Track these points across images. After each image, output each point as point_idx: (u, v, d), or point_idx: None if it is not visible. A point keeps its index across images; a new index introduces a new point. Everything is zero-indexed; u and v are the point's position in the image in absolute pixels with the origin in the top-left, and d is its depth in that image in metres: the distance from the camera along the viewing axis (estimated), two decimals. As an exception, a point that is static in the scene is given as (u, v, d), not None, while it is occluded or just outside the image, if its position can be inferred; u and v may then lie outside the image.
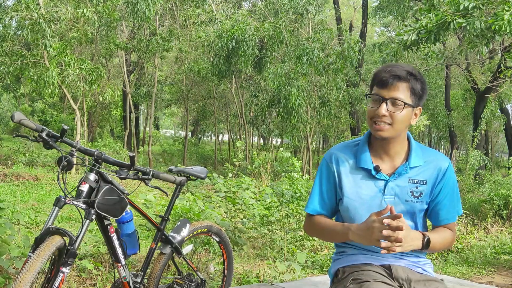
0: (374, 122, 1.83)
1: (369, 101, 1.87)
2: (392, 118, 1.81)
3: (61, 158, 2.15)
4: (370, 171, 1.89)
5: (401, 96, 1.80)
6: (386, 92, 1.81)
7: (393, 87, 1.80)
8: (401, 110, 1.80)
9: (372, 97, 1.85)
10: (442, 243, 1.88)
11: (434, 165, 1.90)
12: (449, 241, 1.93)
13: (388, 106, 1.80)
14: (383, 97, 1.81)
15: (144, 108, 29.36)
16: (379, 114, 1.80)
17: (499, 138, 30.13)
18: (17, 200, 7.62)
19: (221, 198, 6.14)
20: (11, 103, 30.01)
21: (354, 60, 13.43)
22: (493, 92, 14.38)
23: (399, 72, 1.81)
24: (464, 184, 10.09)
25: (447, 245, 1.93)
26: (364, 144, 1.94)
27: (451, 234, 1.94)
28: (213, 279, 3.88)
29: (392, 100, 1.80)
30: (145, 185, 2.34)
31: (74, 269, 3.79)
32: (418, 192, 1.88)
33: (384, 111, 1.80)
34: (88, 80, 11.82)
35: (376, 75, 1.86)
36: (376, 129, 1.83)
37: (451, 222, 1.94)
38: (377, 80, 1.85)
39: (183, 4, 16.63)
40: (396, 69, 1.82)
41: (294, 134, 15.56)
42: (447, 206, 1.91)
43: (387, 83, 1.81)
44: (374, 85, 1.86)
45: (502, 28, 4.83)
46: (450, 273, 5.31)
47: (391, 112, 1.80)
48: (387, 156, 1.91)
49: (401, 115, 1.81)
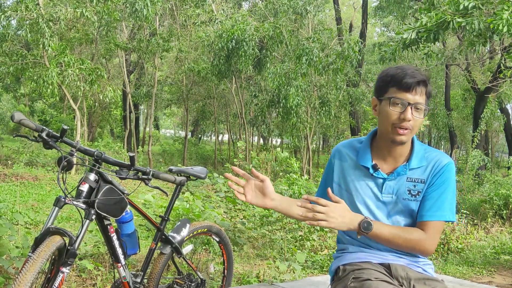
0: (397, 127, 1.81)
1: (388, 105, 1.82)
2: (414, 122, 1.81)
3: (61, 158, 2.15)
4: (368, 169, 1.91)
5: (422, 101, 1.81)
6: (411, 96, 1.79)
7: (418, 92, 1.80)
8: (423, 114, 1.82)
9: (394, 101, 1.81)
10: (399, 237, 1.80)
11: (433, 162, 1.90)
12: (415, 240, 1.81)
13: (412, 111, 1.80)
14: (409, 102, 1.79)
15: (144, 108, 29.35)
16: (407, 119, 1.79)
17: (499, 138, 30.15)
18: (17, 200, 7.62)
19: (221, 198, 6.14)
20: (11, 103, 30.00)
21: (354, 60, 13.43)
22: (493, 92, 14.38)
23: (422, 77, 1.81)
24: (464, 184, 10.09)
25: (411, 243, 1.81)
26: (367, 143, 1.96)
27: (419, 233, 1.83)
28: (213, 279, 3.88)
29: (416, 105, 1.80)
30: (145, 185, 2.34)
31: (74, 269, 3.79)
32: (415, 190, 1.88)
33: (410, 115, 1.79)
34: (88, 80, 11.82)
35: (396, 77, 1.81)
36: (399, 133, 1.81)
37: (430, 221, 1.83)
38: (398, 82, 1.81)
39: (183, 4, 16.63)
40: (418, 73, 1.82)
41: (294, 134, 15.55)
42: (432, 200, 1.85)
43: (413, 88, 1.79)
44: (394, 87, 1.82)
45: (500, 27, 4.83)
46: (450, 273, 5.31)
47: (414, 117, 1.80)
48: (391, 157, 1.92)
49: (421, 120, 1.83)
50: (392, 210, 1.90)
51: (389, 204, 1.90)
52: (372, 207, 1.91)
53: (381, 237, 1.81)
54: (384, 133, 1.87)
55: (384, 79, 1.86)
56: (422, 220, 1.86)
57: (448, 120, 19.19)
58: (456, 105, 21.64)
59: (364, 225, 1.77)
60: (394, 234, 1.81)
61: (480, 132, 13.29)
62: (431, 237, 1.84)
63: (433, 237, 1.84)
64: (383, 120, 1.84)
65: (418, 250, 1.85)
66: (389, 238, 1.80)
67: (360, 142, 2.01)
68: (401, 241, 1.82)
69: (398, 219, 1.91)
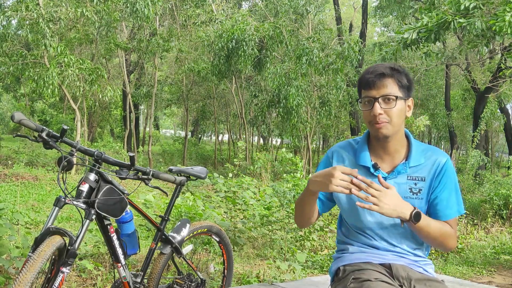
0: (373, 123, 1.84)
1: (361, 106, 1.89)
2: (388, 114, 1.82)
3: (61, 158, 2.15)
4: (369, 168, 1.91)
5: (391, 91, 1.83)
6: (375, 91, 1.83)
7: (381, 85, 1.83)
8: (395, 104, 1.82)
9: (363, 101, 1.87)
10: (439, 231, 1.83)
11: (432, 160, 1.90)
12: (448, 234, 1.86)
13: (381, 104, 1.82)
14: (374, 97, 1.83)
15: (144, 108, 29.35)
16: (376, 114, 1.82)
17: (499, 138, 30.12)
18: (17, 200, 7.62)
19: (221, 198, 6.14)
20: (11, 103, 30.00)
21: (354, 60, 13.43)
22: (493, 92, 14.38)
23: (382, 70, 1.84)
24: (464, 184, 10.09)
25: (445, 237, 1.86)
26: (364, 143, 1.97)
27: (450, 229, 1.89)
28: (213, 279, 3.88)
29: (383, 97, 1.82)
30: (145, 185, 2.34)
31: (74, 269, 3.79)
32: (417, 189, 1.88)
33: (379, 109, 1.81)
34: (88, 80, 11.82)
35: (361, 79, 1.90)
36: (377, 128, 1.84)
37: (450, 219, 1.90)
38: (363, 83, 1.88)
39: (183, 4, 16.62)
40: (379, 67, 1.86)
41: (294, 134, 15.55)
42: (445, 201, 1.89)
43: (374, 83, 1.83)
44: (362, 89, 1.89)
45: (503, 29, 4.82)
46: (450, 273, 5.31)
47: (386, 109, 1.82)
48: (387, 155, 1.92)
49: (396, 109, 1.83)
50: None
51: None
52: None
53: (424, 229, 1.81)
54: (370, 132, 1.92)
55: (357, 83, 1.94)
56: (443, 220, 1.90)
57: (448, 120, 19.18)
58: (456, 105, 21.63)
59: (416, 215, 1.76)
60: (436, 227, 1.83)
61: (480, 132, 13.29)
62: (456, 232, 1.93)
63: (456, 232, 1.93)
64: (364, 120, 1.91)
65: (446, 244, 1.88)
66: (431, 231, 1.82)
67: (356, 142, 2.01)
68: (439, 235, 1.85)
69: None
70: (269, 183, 9.90)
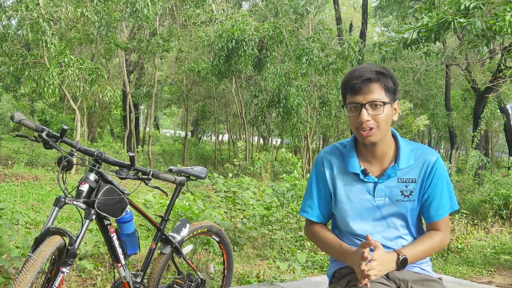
0: (360, 130, 1.81)
1: (347, 111, 1.84)
2: (376, 120, 1.79)
3: (61, 158, 2.15)
4: (358, 175, 1.89)
5: (377, 96, 1.78)
6: (361, 97, 1.78)
7: (367, 91, 1.78)
8: (382, 110, 1.78)
9: (349, 106, 1.82)
10: (427, 251, 1.87)
11: (422, 160, 1.88)
12: (437, 245, 1.90)
13: (368, 110, 1.78)
14: (361, 103, 1.78)
15: (144, 108, 29.36)
16: (363, 121, 1.78)
17: (499, 138, 30.14)
18: (17, 200, 7.62)
19: (221, 198, 6.14)
20: (11, 103, 30.00)
21: (354, 60, 13.42)
22: (493, 92, 14.38)
23: (368, 74, 1.79)
24: (464, 184, 10.08)
25: (435, 249, 1.90)
26: (351, 148, 1.93)
27: (440, 236, 1.90)
28: (213, 279, 3.88)
29: (370, 103, 1.78)
30: (145, 185, 2.34)
31: (74, 269, 3.79)
32: (408, 191, 1.87)
33: (366, 116, 1.77)
34: (88, 80, 11.82)
35: (346, 83, 1.84)
36: (364, 136, 1.80)
37: (442, 218, 1.90)
38: (348, 88, 1.82)
39: (183, 4, 16.63)
40: (364, 72, 1.80)
41: (294, 134, 15.55)
42: (437, 200, 1.88)
43: (360, 89, 1.78)
44: (347, 94, 1.84)
45: (503, 29, 4.82)
46: (450, 273, 5.31)
47: (373, 115, 1.78)
48: (375, 159, 1.89)
49: (383, 115, 1.79)
50: (387, 213, 1.88)
51: (383, 207, 1.88)
52: (365, 213, 1.89)
53: (415, 259, 1.86)
54: (358, 138, 1.87)
55: (341, 87, 1.88)
56: (434, 221, 1.91)
57: (448, 120, 19.17)
58: (456, 105, 21.62)
59: (402, 263, 1.80)
60: (425, 249, 1.88)
61: (480, 132, 13.27)
62: (447, 232, 1.93)
63: (448, 230, 1.94)
64: (350, 126, 1.87)
65: (439, 249, 1.95)
66: (422, 255, 1.88)
67: (343, 146, 1.97)
68: (430, 251, 1.90)
69: (394, 221, 1.89)
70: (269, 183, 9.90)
